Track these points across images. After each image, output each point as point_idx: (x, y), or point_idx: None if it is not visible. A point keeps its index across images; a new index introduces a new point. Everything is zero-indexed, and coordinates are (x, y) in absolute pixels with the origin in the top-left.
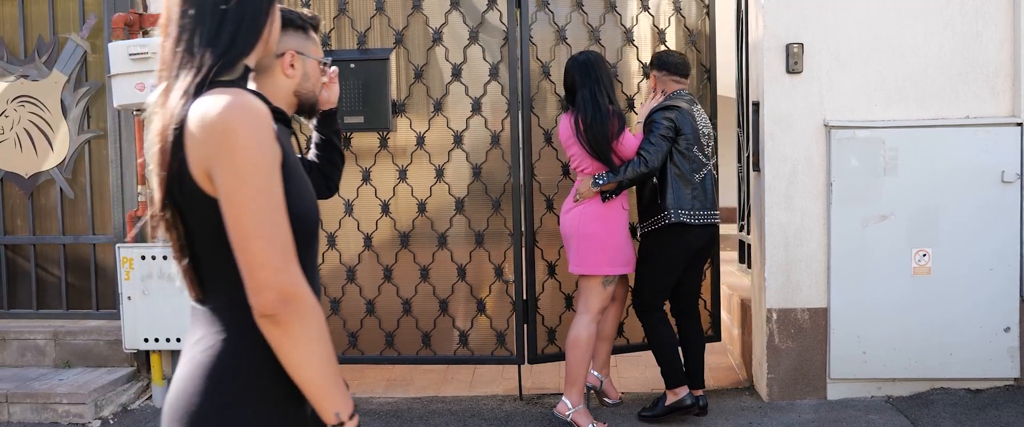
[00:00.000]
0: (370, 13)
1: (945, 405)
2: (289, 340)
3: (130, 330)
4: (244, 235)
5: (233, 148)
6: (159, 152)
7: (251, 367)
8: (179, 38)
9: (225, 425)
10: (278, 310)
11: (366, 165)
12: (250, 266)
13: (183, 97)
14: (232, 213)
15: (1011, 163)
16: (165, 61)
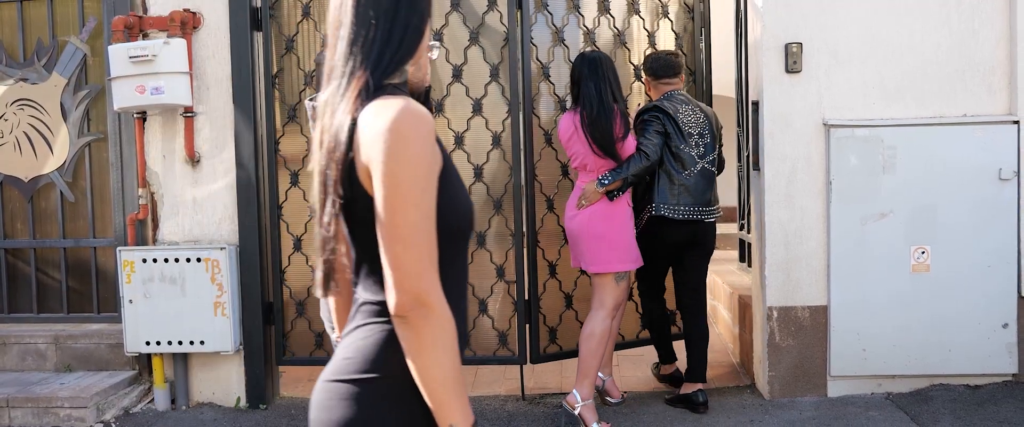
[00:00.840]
0: None
1: (944, 401)
2: (417, 343)
3: (131, 333)
4: (390, 237)
5: (396, 155)
6: (330, 150)
7: (383, 354)
8: (354, 41)
9: (381, 406)
10: (410, 313)
11: None
12: (391, 268)
13: (357, 99)
14: (385, 216)
15: (1008, 161)
16: (337, 62)
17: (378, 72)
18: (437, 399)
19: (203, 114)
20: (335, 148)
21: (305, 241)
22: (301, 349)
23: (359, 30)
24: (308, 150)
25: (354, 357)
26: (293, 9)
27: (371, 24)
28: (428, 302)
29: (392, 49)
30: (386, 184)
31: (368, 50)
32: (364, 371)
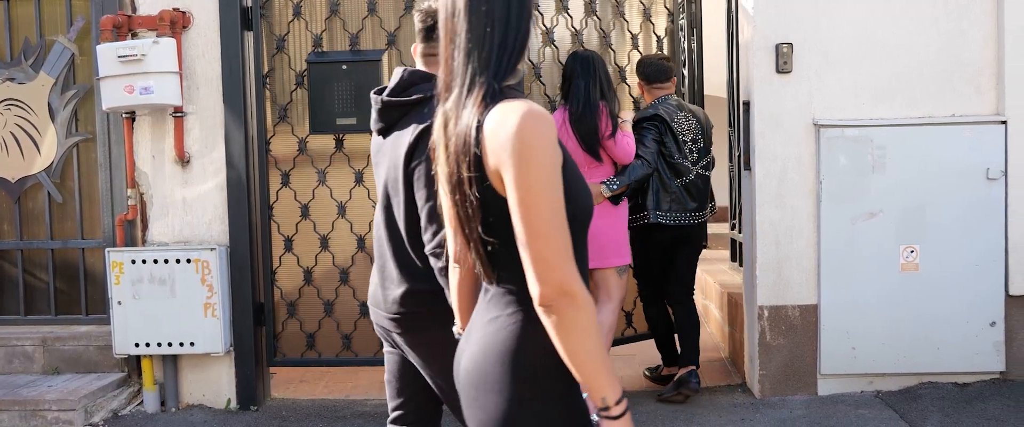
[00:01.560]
0: (362, 14)
1: (933, 399)
2: (563, 329)
3: (120, 335)
4: (529, 234)
5: (526, 156)
6: (459, 154)
7: (540, 340)
8: (472, 49)
9: (522, 390)
10: (554, 302)
11: (359, 167)
12: (533, 261)
13: (481, 104)
14: (521, 214)
15: (995, 161)
16: (456, 69)
17: (498, 76)
18: (588, 376)
19: (193, 114)
20: (465, 151)
21: (296, 241)
22: (292, 350)
23: (476, 38)
24: (299, 153)
25: (495, 349)
26: (284, 9)
27: (487, 31)
28: (570, 290)
29: (508, 54)
30: (519, 185)
31: (487, 57)
32: (506, 362)
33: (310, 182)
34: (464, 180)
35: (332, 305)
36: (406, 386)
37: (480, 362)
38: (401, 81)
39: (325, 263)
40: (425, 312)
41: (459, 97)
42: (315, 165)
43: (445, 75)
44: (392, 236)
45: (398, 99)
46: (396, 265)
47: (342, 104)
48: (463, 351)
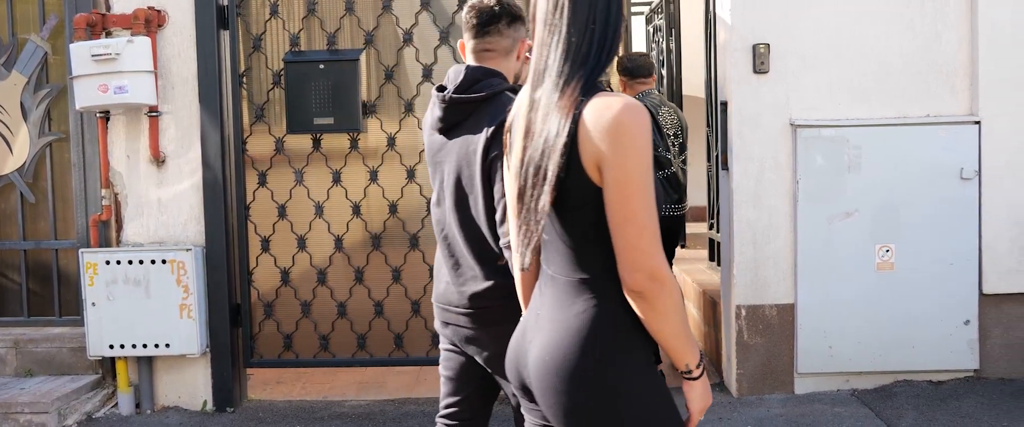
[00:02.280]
0: (339, 14)
1: (908, 397)
2: (653, 312)
3: (94, 337)
4: (625, 222)
5: (627, 146)
6: (549, 144)
7: (621, 326)
8: (572, 45)
9: (604, 374)
10: (646, 287)
11: (337, 167)
12: (626, 249)
13: (579, 95)
14: (618, 202)
15: (969, 160)
16: (551, 63)
17: (596, 72)
18: (675, 350)
19: (169, 114)
20: (556, 142)
21: (273, 242)
22: (269, 351)
23: (579, 33)
24: (276, 152)
25: (577, 337)
26: (261, 8)
27: (591, 28)
28: (661, 276)
29: (606, 50)
30: (619, 174)
31: (587, 53)
32: (591, 350)
33: (287, 182)
34: (552, 169)
35: (309, 306)
36: (464, 385)
37: (564, 350)
38: (466, 78)
39: (302, 264)
40: (498, 306)
41: (555, 87)
42: (292, 165)
43: (538, 63)
44: (470, 233)
45: (466, 96)
46: (475, 261)
47: (319, 104)
48: (529, 342)
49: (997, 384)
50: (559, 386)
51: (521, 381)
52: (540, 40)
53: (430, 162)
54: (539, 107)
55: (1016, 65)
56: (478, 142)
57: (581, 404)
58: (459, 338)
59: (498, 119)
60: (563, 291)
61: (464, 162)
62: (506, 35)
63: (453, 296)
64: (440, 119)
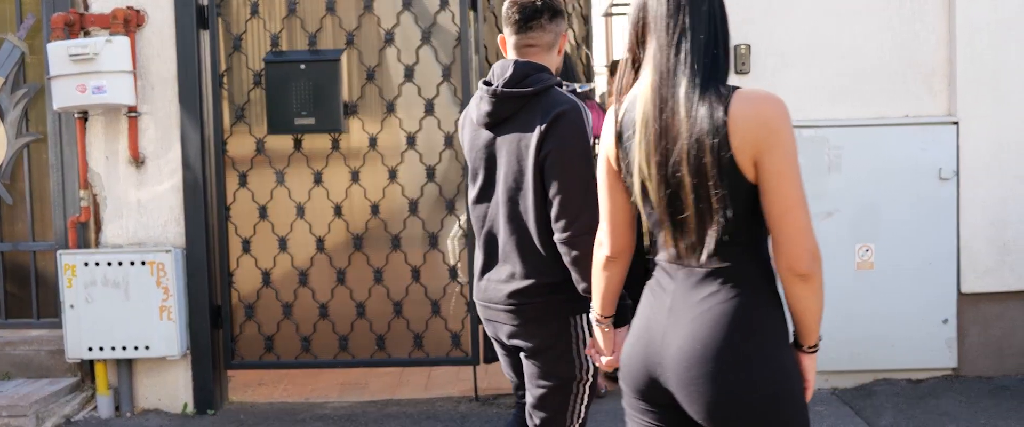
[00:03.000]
0: (321, 14)
1: (887, 395)
2: (811, 290)
3: (73, 339)
4: (791, 207)
5: (784, 136)
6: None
7: (769, 310)
8: (707, 44)
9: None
10: (811, 267)
11: (318, 167)
12: (794, 233)
13: (721, 91)
14: (782, 189)
15: (948, 161)
16: (681, 60)
17: (726, 66)
18: (812, 326)
19: (148, 114)
20: (712, 138)
21: (254, 243)
22: (250, 353)
23: (705, 32)
24: (256, 153)
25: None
26: (241, 8)
27: (714, 25)
28: (819, 255)
29: (728, 46)
30: (782, 163)
31: (715, 49)
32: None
33: (268, 183)
34: (709, 163)
35: (291, 307)
36: (519, 372)
37: (708, 335)
38: (515, 72)
39: (284, 265)
40: (540, 303)
41: (694, 85)
42: (273, 166)
43: (661, 64)
44: (516, 229)
45: (517, 90)
46: (520, 257)
47: (300, 104)
48: (665, 336)
49: (975, 382)
50: (716, 374)
51: (650, 379)
52: (659, 42)
53: (473, 158)
54: (677, 106)
55: (993, 66)
56: (531, 138)
57: (740, 390)
58: (503, 334)
59: (551, 114)
60: (703, 281)
61: (515, 157)
62: (548, 30)
63: (494, 293)
64: (489, 113)
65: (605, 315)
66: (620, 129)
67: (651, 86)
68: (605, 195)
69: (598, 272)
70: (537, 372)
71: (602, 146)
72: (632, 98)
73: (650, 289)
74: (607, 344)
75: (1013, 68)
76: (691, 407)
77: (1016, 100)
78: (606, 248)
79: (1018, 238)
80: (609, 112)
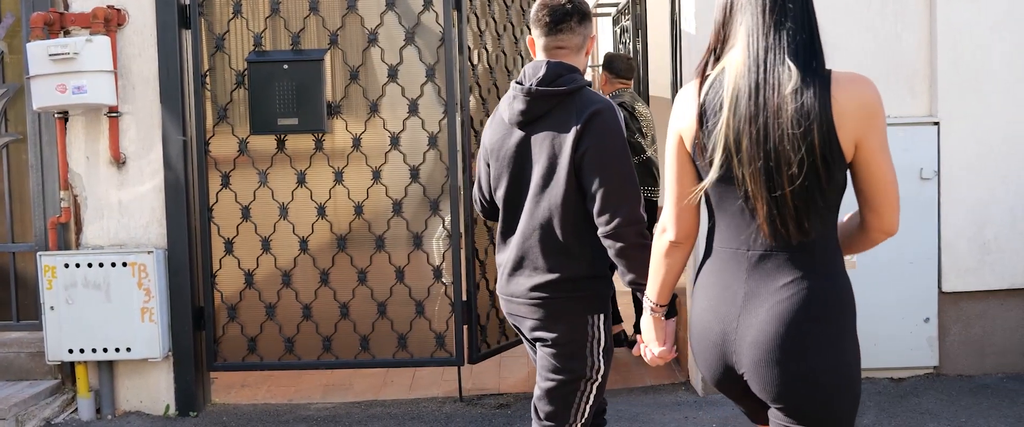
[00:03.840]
0: (304, 13)
1: (869, 394)
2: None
3: (53, 341)
4: (891, 180)
5: (882, 117)
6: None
7: (845, 286)
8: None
9: (843, 339)
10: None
11: (301, 167)
12: (893, 202)
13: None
14: (883, 165)
15: (929, 161)
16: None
17: (822, 52)
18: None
19: (129, 114)
20: (817, 122)
21: (236, 244)
22: (233, 354)
23: (799, 21)
24: (239, 153)
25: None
26: (224, 7)
27: (806, 14)
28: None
29: (818, 33)
30: (881, 139)
31: (810, 36)
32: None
33: (251, 183)
34: (814, 144)
35: (274, 308)
36: None
37: (794, 314)
38: (548, 72)
39: (267, 266)
40: (563, 298)
41: (792, 72)
42: (256, 166)
43: (756, 51)
44: (544, 225)
45: (552, 89)
46: (544, 253)
47: (283, 104)
48: (741, 319)
49: (956, 380)
50: (799, 353)
51: (726, 364)
52: (754, 24)
53: (501, 157)
54: (779, 87)
55: (973, 67)
56: (566, 136)
57: (821, 370)
58: (526, 328)
59: (586, 113)
60: (783, 263)
61: (548, 155)
62: (577, 32)
63: (518, 288)
64: (523, 112)
65: (660, 303)
66: (703, 110)
67: (746, 67)
68: (673, 179)
69: (659, 259)
70: (550, 365)
71: (674, 127)
72: (715, 80)
73: (714, 274)
74: (658, 334)
75: (994, 70)
76: (766, 389)
77: (996, 101)
78: (671, 233)
79: (999, 238)
80: (687, 94)
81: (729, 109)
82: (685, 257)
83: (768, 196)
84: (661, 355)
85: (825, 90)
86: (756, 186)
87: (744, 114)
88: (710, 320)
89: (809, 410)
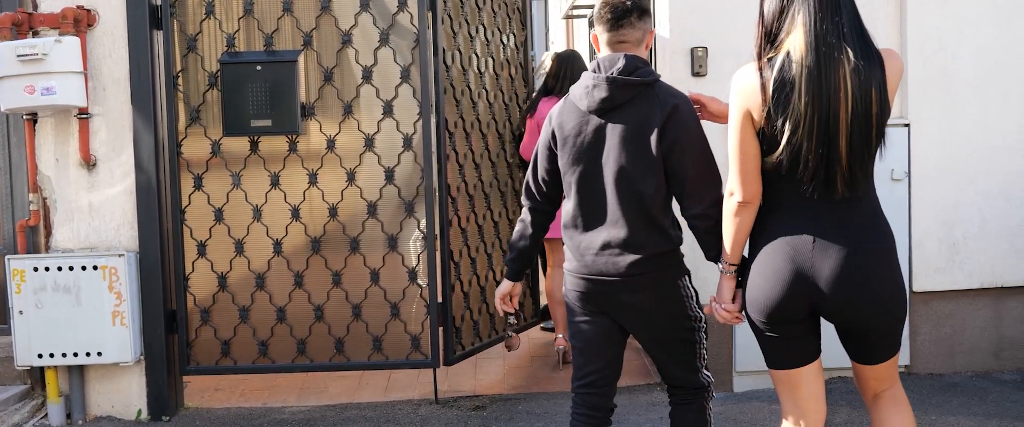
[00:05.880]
0: (277, 14)
1: (842, 393)
2: None
3: (22, 346)
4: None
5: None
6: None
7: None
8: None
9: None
10: None
11: (275, 169)
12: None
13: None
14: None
15: (900, 162)
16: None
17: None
18: None
19: (99, 115)
20: (875, 90)
21: (209, 246)
22: (206, 358)
23: (855, 10)
24: (212, 155)
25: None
26: (196, 8)
27: (856, 6)
28: None
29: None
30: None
31: (861, 21)
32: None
33: (224, 185)
34: (873, 112)
35: (248, 311)
36: (606, 351)
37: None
38: (627, 64)
39: (240, 268)
40: (653, 271)
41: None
42: (229, 168)
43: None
44: (632, 206)
45: (635, 79)
46: (643, 232)
47: (256, 105)
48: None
49: (926, 379)
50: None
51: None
52: (813, 9)
53: (576, 143)
54: (836, 70)
55: (943, 70)
56: (650, 126)
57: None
58: (612, 304)
59: (669, 105)
60: (847, 210)
61: (631, 142)
62: (637, 27)
63: (609, 266)
64: (605, 99)
65: (732, 263)
66: (774, 87)
67: (810, 47)
68: (737, 147)
69: (730, 220)
70: (659, 334)
71: (741, 103)
72: (781, 62)
73: (781, 225)
74: (729, 294)
75: (962, 72)
76: (845, 313)
77: (965, 103)
78: (738, 195)
79: (968, 238)
80: (749, 74)
81: (798, 87)
82: (752, 216)
83: (834, 158)
84: (729, 310)
85: (880, 66)
86: (824, 150)
87: (811, 91)
88: (781, 263)
89: (879, 325)
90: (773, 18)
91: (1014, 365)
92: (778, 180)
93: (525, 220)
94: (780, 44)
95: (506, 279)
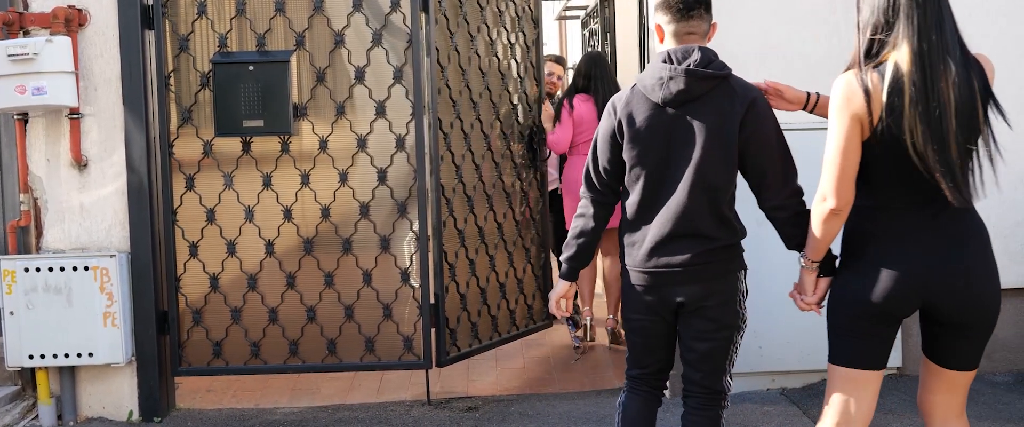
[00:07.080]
0: (270, 14)
1: None
2: None
3: (13, 347)
4: None
5: None
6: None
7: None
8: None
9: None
10: None
11: (267, 170)
12: None
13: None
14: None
15: None
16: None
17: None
18: None
19: (91, 116)
20: (980, 98)
21: (201, 247)
22: (198, 359)
23: (955, 23)
24: (204, 156)
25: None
26: (189, 7)
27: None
28: None
29: None
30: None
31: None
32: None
33: (216, 186)
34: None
35: (240, 312)
36: (663, 345)
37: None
38: (704, 56)
39: (232, 269)
40: (718, 263)
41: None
42: (221, 168)
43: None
44: (704, 198)
45: (712, 72)
46: (712, 223)
47: (249, 106)
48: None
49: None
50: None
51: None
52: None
53: (648, 135)
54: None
55: None
56: (729, 119)
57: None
58: (673, 295)
59: (747, 99)
60: (955, 215)
61: (708, 135)
62: (704, 19)
63: (675, 258)
64: (682, 91)
65: (814, 260)
66: (886, 96)
67: (919, 58)
68: (839, 154)
69: (818, 225)
70: (707, 325)
71: (849, 111)
72: (890, 70)
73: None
74: (810, 286)
75: None
76: (958, 312)
77: None
78: (832, 202)
79: None
80: (854, 84)
81: (908, 98)
82: (841, 223)
83: (945, 166)
84: (809, 303)
85: (982, 75)
86: (935, 158)
87: (921, 102)
88: (896, 264)
89: (981, 324)
90: (876, 29)
91: (1006, 367)
92: (887, 183)
93: (587, 213)
94: (883, 55)
95: (562, 280)
